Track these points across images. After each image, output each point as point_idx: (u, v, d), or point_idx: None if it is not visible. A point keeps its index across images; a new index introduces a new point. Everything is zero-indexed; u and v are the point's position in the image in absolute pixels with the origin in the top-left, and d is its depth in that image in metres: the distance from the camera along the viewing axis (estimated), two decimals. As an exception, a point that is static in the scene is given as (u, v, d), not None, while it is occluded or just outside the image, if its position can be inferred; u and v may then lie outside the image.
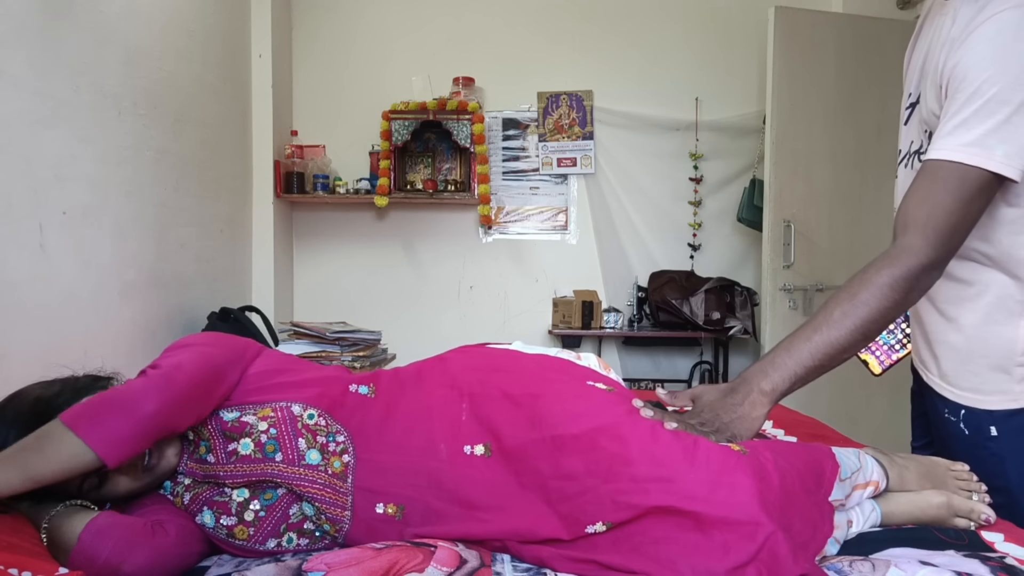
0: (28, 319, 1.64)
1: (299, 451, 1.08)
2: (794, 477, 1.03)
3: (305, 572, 0.95)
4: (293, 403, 1.11)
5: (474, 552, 1.04)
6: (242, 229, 3.14)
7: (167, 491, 1.13)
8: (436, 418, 1.11)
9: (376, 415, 1.13)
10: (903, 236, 1.05)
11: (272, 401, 1.11)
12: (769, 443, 1.13)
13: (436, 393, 1.15)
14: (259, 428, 1.09)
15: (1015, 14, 0.97)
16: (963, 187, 1.01)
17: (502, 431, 1.07)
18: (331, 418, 1.12)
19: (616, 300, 3.61)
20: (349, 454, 1.10)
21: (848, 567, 1.02)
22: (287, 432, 1.09)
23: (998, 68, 0.98)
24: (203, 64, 2.68)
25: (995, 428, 1.17)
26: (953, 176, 1.01)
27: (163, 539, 1.00)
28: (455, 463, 1.07)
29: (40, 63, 1.70)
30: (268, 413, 1.10)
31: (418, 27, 3.57)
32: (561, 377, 1.16)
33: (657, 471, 0.97)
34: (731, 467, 0.97)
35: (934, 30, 1.14)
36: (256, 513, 1.09)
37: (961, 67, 1.01)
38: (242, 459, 1.08)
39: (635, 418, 1.06)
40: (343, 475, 1.08)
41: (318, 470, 1.08)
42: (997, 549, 1.10)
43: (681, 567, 0.93)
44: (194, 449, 1.12)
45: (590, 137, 3.56)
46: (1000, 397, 1.16)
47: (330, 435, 1.10)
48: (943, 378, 1.25)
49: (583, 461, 1.01)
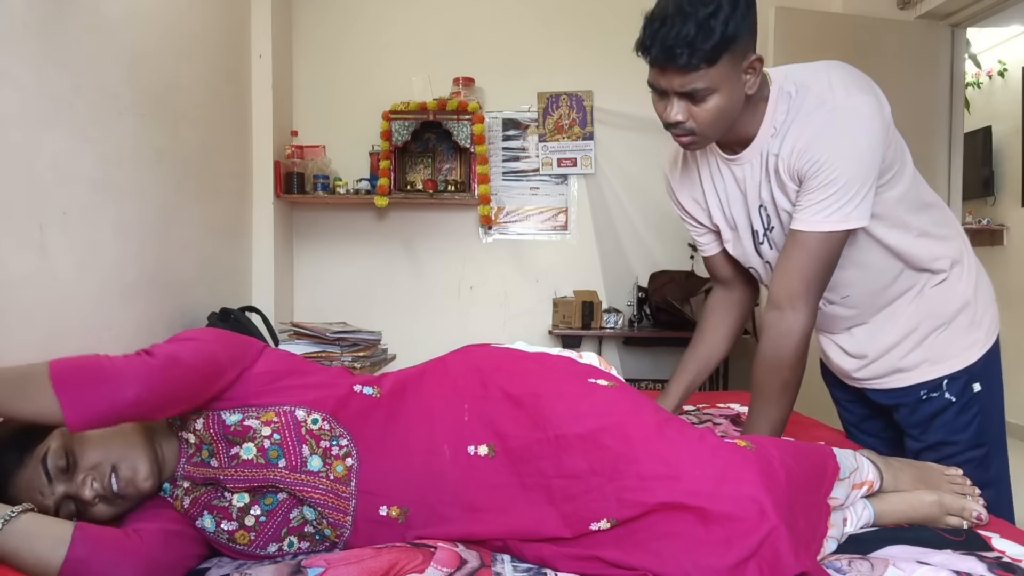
0: (28, 319, 1.64)
1: (302, 457, 1.07)
2: (799, 475, 1.03)
3: (304, 569, 0.95)
4: (297, 407, 1.10)
5: (474, 552, 1.04)
6: (242, 229, 3.14)
7: (166, 494, 1.12)
8: (439, 420, 1.10)
9: (380, 418, 1.12)
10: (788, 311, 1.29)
11: (275, 405, 1.10)
12: (775, 441, 1.13)
13: (438, 395, 1.14)
14: (262, 433, 1.07)
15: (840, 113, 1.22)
16: (827, 248, 1.25)
17: (506, 431, 1.06)
18: (335, 421, 1.10)
19: (616, 300, 3.61)
20: (352, 457, 1.09)
21: (847, 566, 1.02)
22: (291, 438, 1.08)
23: (845, 160, 1.22)
24: (203, 64, 2.68)
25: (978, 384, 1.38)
26: (819, 242, 1.25)
27: (150, 547, 0.99)
28: (459, 464, 1.06)
29: (41, 63, 1.71)
30: (272, 418, 1.08)
31: (418, 27, 3.57)
32: (563, 376, 1.16)
33: (663, 469, 0.97)
34: (737, 463, 0.97)
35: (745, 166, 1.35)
36: (257, 518, 1.08)
37: (814, 161, 1.23)
38: (244, 464, 1.07)
39: (639, 415, 1.05)
40: (346, 479, 1.07)
41: (319, 476, 1.07)
42: (994, 547, 1.10)
43: (684, 563, 0.93)
44: (194, 452, 1.10)
45: (590, 137, 3.56)
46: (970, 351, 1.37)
47: (333, 439, 1.09)
48: (903, 370, 1.41)
49: (587, 460, 1.01)
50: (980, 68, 4.56)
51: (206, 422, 1.09)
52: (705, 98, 1.20)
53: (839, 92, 1.23)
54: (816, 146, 1.22)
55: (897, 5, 3.12)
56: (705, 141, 1.29)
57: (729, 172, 1.38)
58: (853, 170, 1.20)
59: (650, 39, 1.17)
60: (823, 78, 1.26)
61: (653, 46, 1.17)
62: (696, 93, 1.19)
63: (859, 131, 1.21)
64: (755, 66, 1.22)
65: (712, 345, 1.56)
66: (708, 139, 1.29)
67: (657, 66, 1.20)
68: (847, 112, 1.21)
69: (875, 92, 1.25)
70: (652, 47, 1.17)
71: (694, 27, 1.12)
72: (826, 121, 1.22)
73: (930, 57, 3.03)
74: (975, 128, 4.43)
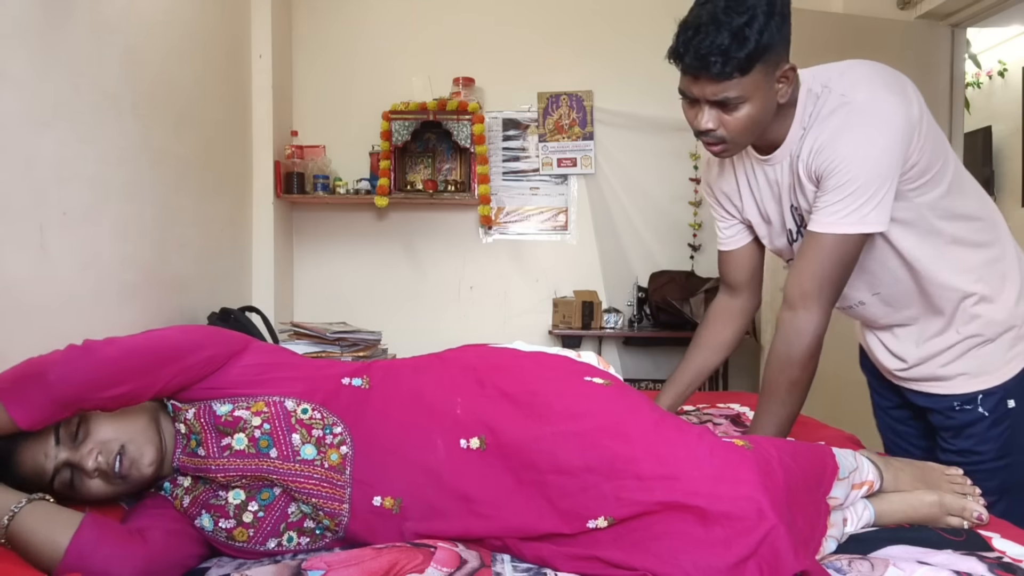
0: (28, 319, 1.64)
1: (293, 447, 1.08)
2: (798, 474, 1.03)
3: (304, 571, 0.95)
4: (286, 398, 1.11)
5: (474, 552, 1.03)
6: (242, 229, 3.14)
7: (167, 493, 1.13)
8: (431, 413, 1.10)
9: (373, 406, 1.12)
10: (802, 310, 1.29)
11: (264, 395, 1.11)
12: (774, 440, 1.13)
13: (432, 388, 1.14)
14: (252, 423, 1.08)
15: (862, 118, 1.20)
16: (842, 250, 1.23)
17: (498, 426, 1.06)
18: (326, 411, 1.11)
19: (616, 300, 3.61)
20: (347, 445, 1.09)
21: (847, 566, 1.02)
22: (281, 427, 1.09)
23: (862, 160, 1.20)
24: (203, 65, 2.68)
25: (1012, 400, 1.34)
26: (834, 243, 1.23)
27: (152, 547, 1.00)
28: (452, 458, 1.06)
29: (40, 63, 1.71)
30: (261, 407, 1.10)
31: (418, 27, 3.57)
32: (559, 374, 1.16)
33: (661, 469, 0.97)
34: (735, 462, 0.97)
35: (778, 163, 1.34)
36: (255, 514, 1.08)
37: (830, 161, 1.21)
38: (236, 454, 1.08)
39: (637, 414, 1.05)
40: (341, 467, 1.08)
41: (313, 465, 1.07)
42: (994, 547, 1.10)
43: (683, 562, 0.92)
44: (186, 443, 1.11)
45: (590, 137, 3.56)
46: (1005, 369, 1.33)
47: (327, 427, 1.10)
48: (940, 379, 1.37)
49: (583, 458, 1.00)
50: (980, 68, 4.57)
51: (197, 412, 1.11)
52: (737, 107, 1.19)
53: (861, 91, 1.21)
54: (832, 145, 1.20)
55: (897, 5, 3.12)
56: (736, 148, 1.28)
57: (763, 173, 1.37)
58: (870, 171, 1.18)
59: (683, 46, 1.17)
60: (849, 77, 1.24)
61: (686, 54, 1.17)
62: (728, 101, 1.18)
63: (878, 130, 1.18)
64: (788, 75, 1.21)
65: (707, 358, 1.57)
66: (739, 147, 1.28)
67: (690, 74, 1.19)
68: (866, 110, 1.19)
69: (905, 92, 1.21)
70: (685, 55, 1.17)
71: (728, 36, 1.12)
72: (844, 120, 1.20)
73: (930, 57, 3.02)
74: (975, 128, 4.43)
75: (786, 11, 1.18)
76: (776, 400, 1.31)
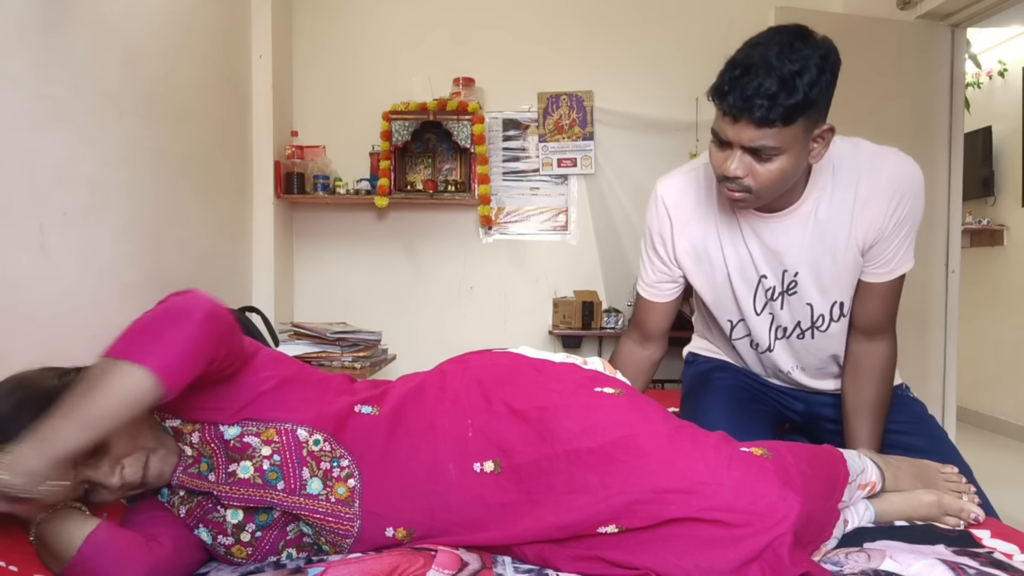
0: (28, 319, 1.64)
1: (301, 480, 1.05)
2: (815, 481, 1.03)
3: (305, 568, 0.95)
4: (299, 426, 1.07)
5: (475, 555, 1.03)
6: (242, 229, 3.14)
7: (164, 498, 1.11)
8: (442, 438, 1.08)
9: (381, 437, 1.09)
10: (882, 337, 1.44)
11: (276, 421, 1.07)
12: (790, 446, 1.12)
13: (440, 411, 1.11)
14: (262, 452, 1.05)
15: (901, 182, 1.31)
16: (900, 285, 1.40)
17: (512, 447, 1.04)
18: (336, 442, 1.08)
19: (616, 300, 3.60)
20: (355, 478, 1.06)
21: (844, 559, 1.03)
22: (291, 459, 1.05)
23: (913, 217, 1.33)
24: (203, 65, 2.68)
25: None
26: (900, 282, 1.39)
27: (160, 554, 0.99)
28: (465, 482, 1.04)
29: (40, 64, 1.71)
30: (272, 436, 1.06)
31: (418, 27, 3.57)
32: (567, 387, 1.12)
33: (679, 483, 0.95)
34: (754, 474, 0.96)
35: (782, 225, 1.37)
36: (253, 534, 1.06)
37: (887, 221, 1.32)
38: (240, 482, 1.04)
39: (651, 425, 1.03)
40: (349, 500, 1.05)
41: (318, 500, 1.05)
42: (985, 544, 1.12)
43: (686, 564, 0.92)
44: (192, 464, 1.08)
45: (590, 137, 3.56)
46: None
47: (334, 460, 1.07)
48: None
49: (599, 475, 0.98)
50: (980, 68, 4.56)
51: (202, 436, 1.07)
52: (771, 157, 1.16)
53: (884, 149, 1.31)
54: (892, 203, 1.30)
55: (897, 5, 3.12)
56: (757, 201, 1.25)
57: (767, 229, 1.34)
58: (920, 215, 1.33)
59: (729, 84, 1.13)
60: (864, 148, 1.33)
61: (731, 93, 1.12)
62: (764, 150, 1.15)
63: (921, 185, 1.32)
64: (825, 136, 1.19)
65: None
66: (761, 200, 1.24)
67: (730, 115, 1.14)
68: (903, 165, 1.30)
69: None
70: (730, 94, 1.12)
71: (777, 82, 1.09)
72: (893, 177, 1.29)
73: (930, 57, 3.02)
74: (975, 128, 4.42)
75: (836, 71, 1.15)
76: (877, 416, 1.41)
